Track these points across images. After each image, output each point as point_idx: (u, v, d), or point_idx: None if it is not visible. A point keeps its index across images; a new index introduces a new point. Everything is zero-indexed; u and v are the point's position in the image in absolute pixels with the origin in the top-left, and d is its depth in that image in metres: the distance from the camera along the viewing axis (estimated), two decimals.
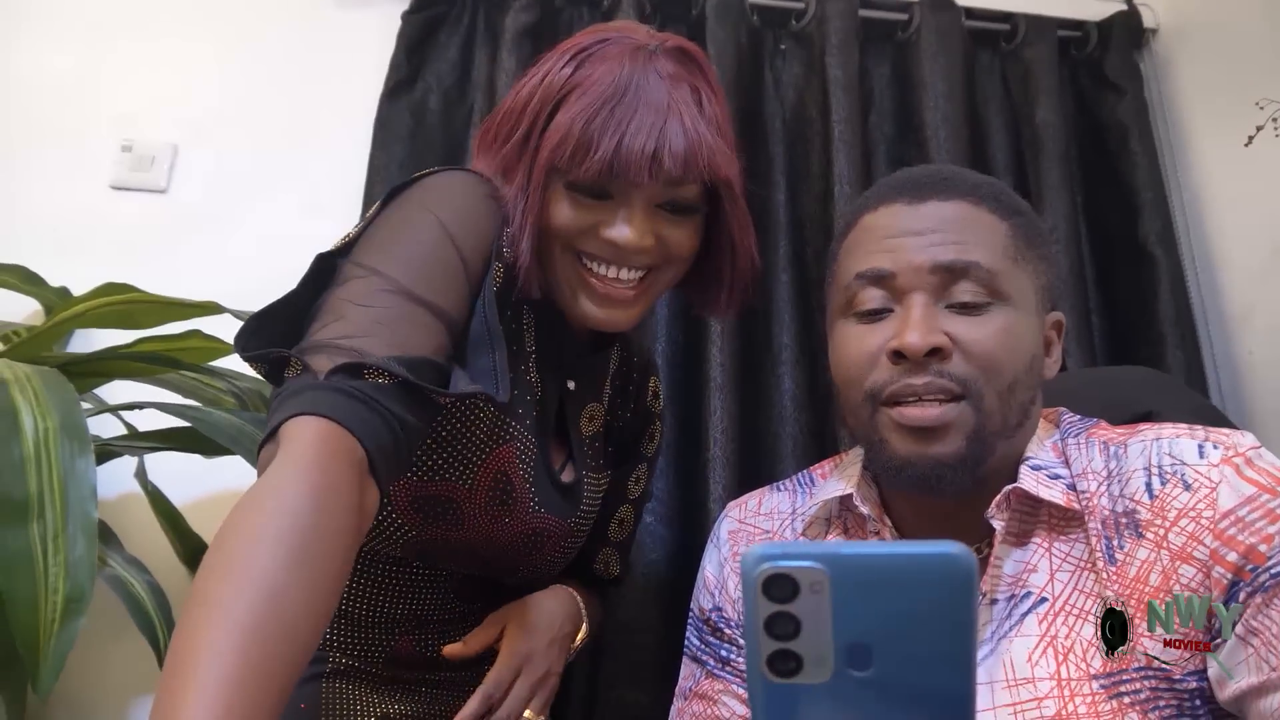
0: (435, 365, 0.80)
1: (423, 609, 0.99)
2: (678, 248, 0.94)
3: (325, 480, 0.67)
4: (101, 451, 1.30)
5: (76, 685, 1.35)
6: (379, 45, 1.75)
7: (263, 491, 0.67)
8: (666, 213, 0.92)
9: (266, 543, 0.63)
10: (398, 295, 0.80)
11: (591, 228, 0.90)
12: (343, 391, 0.73)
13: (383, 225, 0.87)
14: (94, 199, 1.67)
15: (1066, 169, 1.81)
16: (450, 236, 0.85)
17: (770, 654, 0.42)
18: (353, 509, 0.69)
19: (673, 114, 0.87)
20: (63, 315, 1.25)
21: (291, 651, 0.60)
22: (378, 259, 0.83)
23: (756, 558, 0.42)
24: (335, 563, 0.66)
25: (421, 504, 0.91)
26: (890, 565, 0.42)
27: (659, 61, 0.90)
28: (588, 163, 0.86)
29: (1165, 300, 1.72)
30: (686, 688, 0.95)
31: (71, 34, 1.75)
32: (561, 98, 0.89)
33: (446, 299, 0.83)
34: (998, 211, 0.83)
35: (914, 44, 1.83)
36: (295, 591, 0.61)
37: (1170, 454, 0.77)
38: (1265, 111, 1.47)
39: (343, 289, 0.81)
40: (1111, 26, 1.94)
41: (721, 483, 1.46)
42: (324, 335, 0.78)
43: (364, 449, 0.72)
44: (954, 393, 0.76)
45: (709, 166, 0.89)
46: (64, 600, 0.91)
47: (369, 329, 0.77)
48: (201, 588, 0.61)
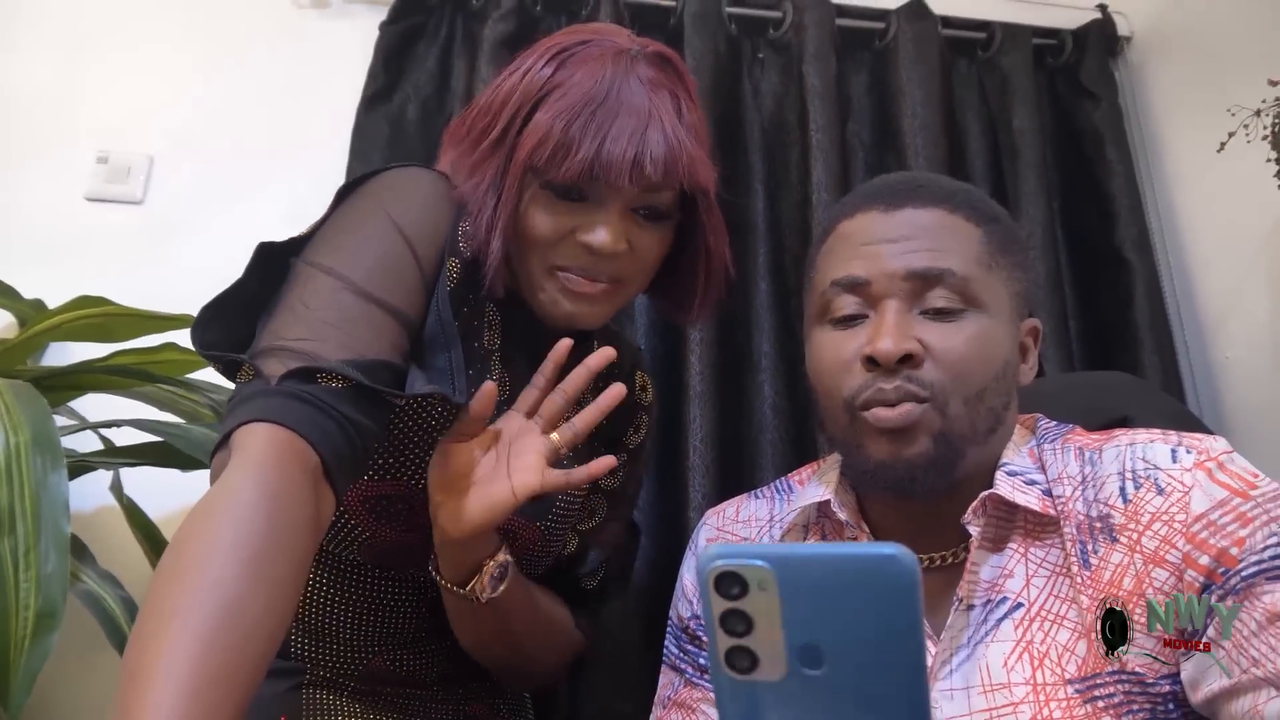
0: (390, 366, 0.79)
1: (397, 626, 0.98)
2: (646, 254, 0.93)
3: (279, 487, 0.67)
4: (77, 466, 1.29)
5: (49, 703, 1.33)
6: (357, 55, 1.74)
7: (216, 499, 0.66)
8: (640, 218, 0.91)
9: (221, 551, 0.62)
10: (351, 294, 0.80)
11: (567, 234, 0.89)
12: (295, 396, 0.72)
13: (336, 223, 0.87)
14: (69, 210, 1.65)
15: (1043, 175, 1.82)
16: (403, 234, 0.85)
17: (727, 650, 0.44)
18: (308, 515, 0.69)
19: (654, 120, 0.87)
20: (36, 328, 1.24)
21: (249, 660, 0.59)
22: (330, 258, 0.82)
23: (710, 556, 0.43)
24: (291, 569, 0.66)
25: (373, 504, 0.90)
26: (834, 566, 0.43)
27: (640, 66, 0.90)
28: (568, 164, 0.85)
29: (1141, 306, 1.73)
30: (665, 696, 0.94)
31: (47, 44, 1.74)
32: (541, 97, 0.88)
33: (401, 298, 0.83)
34: (972, 218, 0.83)
35: (891, 52, 1.84)
36: (251, 599, 0.61)
37: (1144, 458, 0.77)
38: (1237, 118, 1.48)
39: (296, 289, 0.81)
40: (1087, 35, 1.96)
41: (701, 490, 1.46)
42: (276, 338, 0.77)
43: (318, 454, 0.71)
44: (920, 397, 0.77)
45: (689, 173, 0.89)
46: (35, 616, 0.90)
47: (322, 331, 0.77)
48: (156, 597, 0.61)
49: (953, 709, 0.76)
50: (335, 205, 0.89)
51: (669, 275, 1.00)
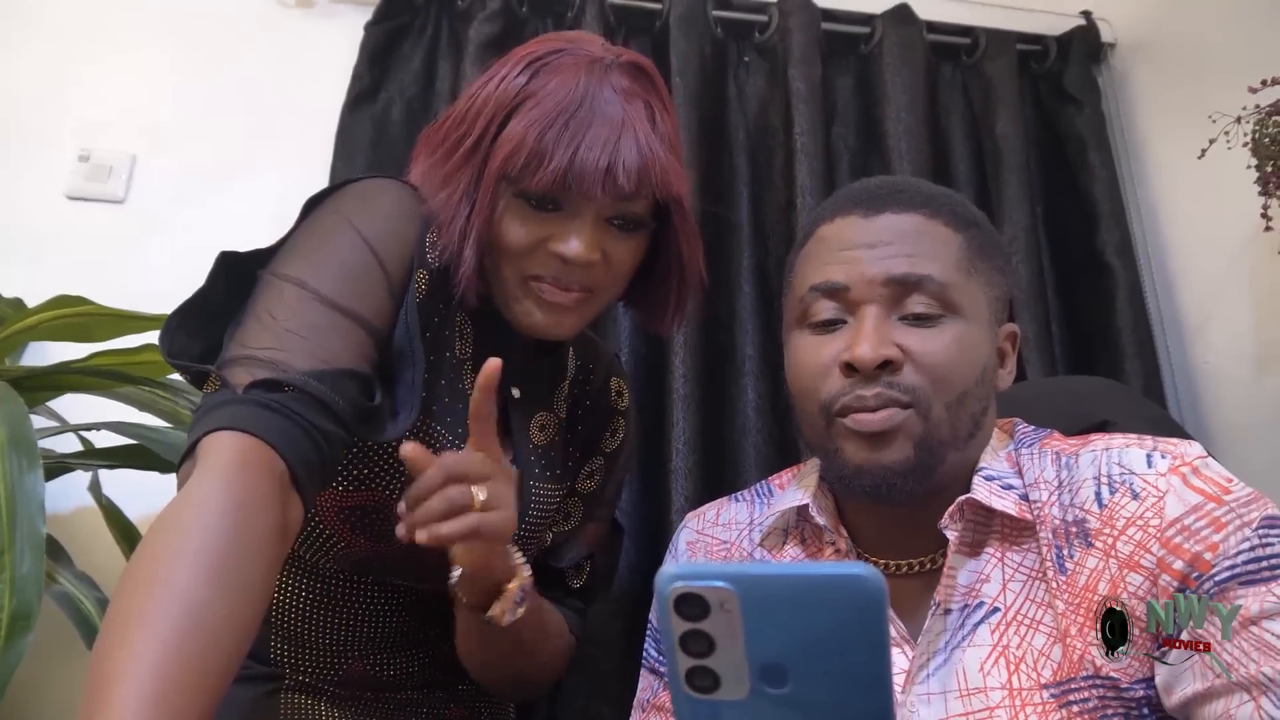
0: (357, 375, 0.79)
1: (375, 631, 0.98)
2: (620, 264, 0.93)
3: (244, 494, 0.67)
4: (55, 467, 1.28)
5: (24, 704, 1.32)
6: (341, 55, 1.74)
7: (181, 507, 0.66)
8: (615, 228, 0.91)
9: (186, 558, 0.62)
10: (318, 304, 0.80)
11: (540, 243, 0.89)
12: (262, 405, 0.72)
13: (302, 235, 0.87)
14: (50, 209, 1.64)
15: (1026, 181, 1.83)
16: (369, 244, 0.85)
17: (688, 670, 0.43)
18: (274, 523, 0.69)
19: (627, 129, 0.87)
20: (14, 328, 1.23)
21: (213, 666, 0.60)
22: (297, 269, 0.83)
23: (669, 577, 0.43)
24: (257, 577, 0.66)
25: (349, 514, 0.90)
26: (798, 586, 0.43)
27: (614, 76, 0.90)
28: (541, 173, 0.85)
29: (1123, 311, 1.74)
30: (644, 699, 0.94)
31: (29, 42, 1.73)
32: (515, 106, 0.88)
33: (367, 307, 0.83)
34: (952, 224, 0.83)
35: (876, 57, 1.85)
36: (216, 607, 0.61)
37: (1119, 463, 0.78)
38: (1218, 125, 1.50)
39: (262, 300, 0.81)
40: (1070, 41, 1.97)
41: (684, 494, 1.46)
42: (243, 349, 0.77)
43: (284, 461, 0.71)
44: (902, 402, 0.77)
45: (661, 183, 0.89)
46: (10, 617, 0.89)
47: (288, 341, 0.77)
48: (120, 605, 0.61)
49: (929, 713, 0.76)
50: (302, 218, 0.89)
51: (643, 284, 1.00)
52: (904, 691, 0.78)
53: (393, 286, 0.86)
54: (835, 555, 0.87)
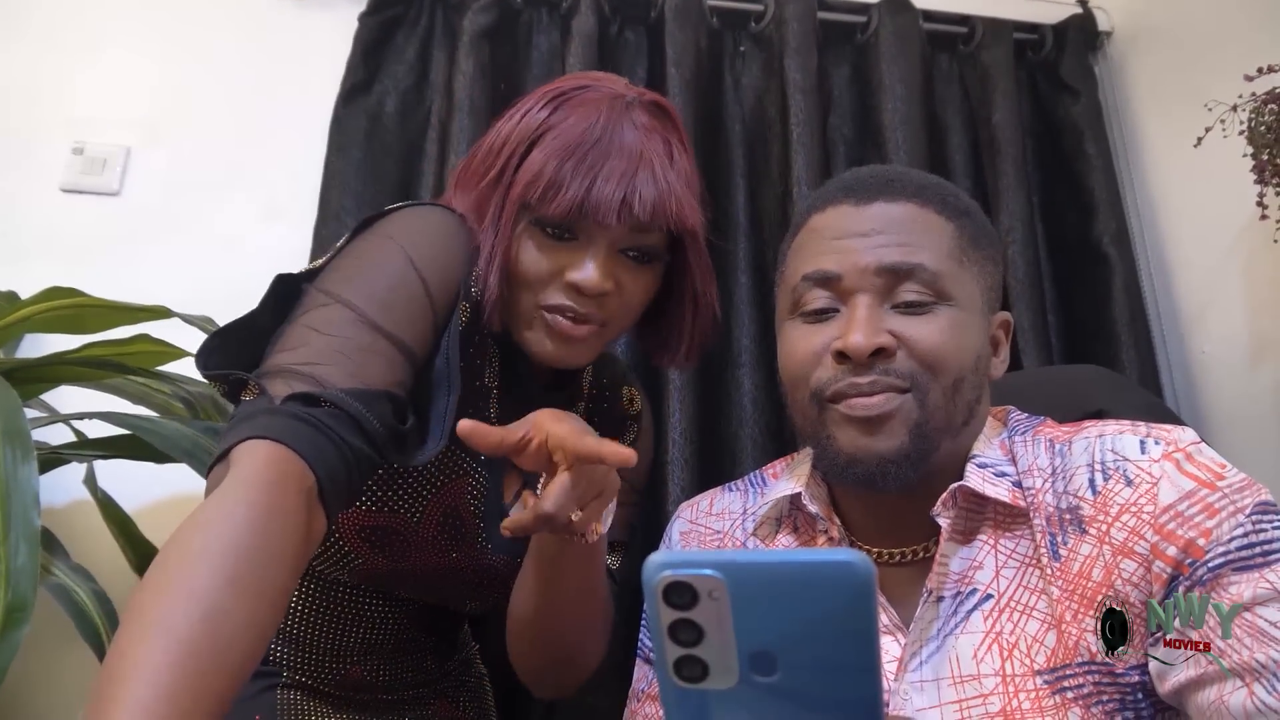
0: (393, 398, 0.80)
1: (377, 638, 1.00)
2: (632, 295, 0.94)
3: (271, 503, 0.67)
4: (50, 459, 1.28)
5: (20, 696, 1.32)
6: (335, 47, 1.73)
7: (207, 511, 0.67)
8: (629, 259, 0.93)
9: (207, 562, 0.63)
10: (361, 325, 0.81)
11: (555, 273, 0.91)
12: (297, 417, 0.73)
13: (351, 255, 0.87)
14: (45, 202, 1.64)
15: (1022, 170, 1.82)
16: (417, 271, 0.86)
17: (676, 659, 0.43)
18: (298, 534, 0.69)
19: (644, 163, 0.89)
20: (7, 320, 1.23)
21: (227, 670, 0.60)
22: (344, 288, 0.83)
23: (656, 565, 0.42)
24: (277, 585, 0.66)
25: (369, 534, 0.91)
26: (788, 574, 0.42)
27: (635, 112, 0.92)
28: (558, 201, 0.87)
29: (1119, 300, 1.74)
30: (640, 689, 0.95)
31: (22, 34, 1.72)
32: (536, 138, 0.91)
33: (409, 332, 0.84)
34: (944, 212, 0.83)
35: (872, 46, 1.84)
36: (234, 612, 0.62)
37: (1113, 450, 0.78)
38: (1214, 113, 1.49)
39: (307, 315, 0.82)
40: (1067, 30, 1.96)
41: (680, 484, 1.46)
42: (284, 360, 0.78)
43: (314, 475, 0.72)
44: (900, 387, 0.77)
45: (677, 216, 0.91)
46: (5, 610, 0.90)
47: (329, 357, 0.78)
48: (139, 603, 0.61)
49: (923, 700, 0.76)
50: (351, 237, 0.89)
51: (656, 318, 1.02)
52: (897, 679, 0.78)
53: (437, 314, 0.87)
54: (828, 543, 0.87)
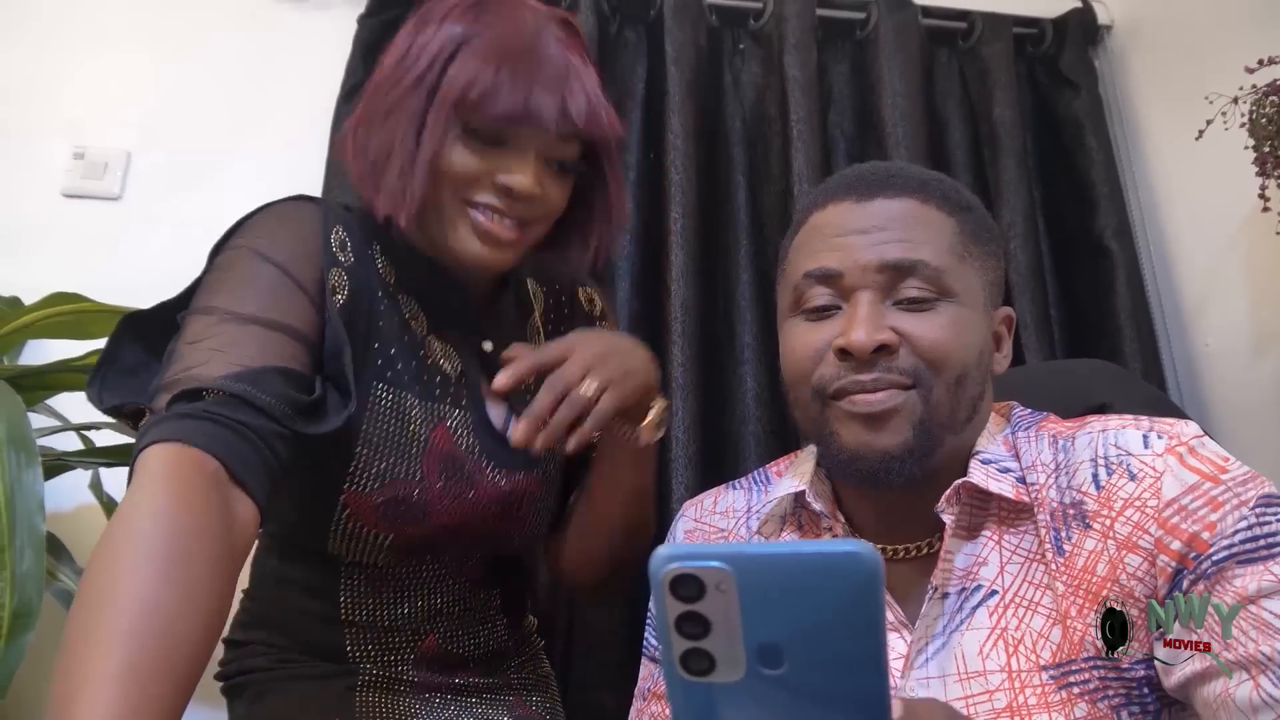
0: (284, 371, 0.81)
1: (442, 603, 1.02)
2: (553, 202, 0.98)
3: (179, 494, 0.69)
4: (56, 465, 1.28)
5: (25, 702, 1.32)
6: (335, 48, 1.73)
7: (119, 519, 0.68)
8: (553, 169, 0.96)
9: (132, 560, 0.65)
10: (228, 322, 0.82)
11: (486, 174, 0.92)
12: (183, 415, 0.74)
13: (210, 275, 0.89)
14: (46, 207, 1.64)
15: (1023, 165, 1.82)
16: (268, 259, 0.87)
17: (683, 653, 0.43)
18: (216, 519, 0.70)
19: (573, 73, 0.93)
20: (10, 326, 1.23)
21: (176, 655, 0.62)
22: (209, 300, 0.85)
23: (663, 558, 0.42)
24: (205, 570, 0.67)
25: (384, 510, 0.93)
26: (795, 565, 0.42)
27: (552, 26, 0.95)
28: (496, 108, 0.89)
29: (1122, 294, 1.74)
30: (645, 688, 0.94)
31: (22, 38, 1.72)
32: (462, 42, 0.91)
33: (281, 312, 0.85)
34: (945, 208, 0.83)
35: (872, 42, 1.84)
36: (168, 600, 0.63)
37: (1116, 444, 0.77)
38: (1215, 106, 1.49)
39: (179, 337, 0.83)
40: (1066, 24, 1.96)
41: (684, 483, 1.46)
42: (165, 377, 0.80)
43: (217, 460, 0.73)
44: (903, 384, 0.77)
45: (609, 125, 0.96)
46: (11, 615, 0.90)
47: (205, 357, 0.79)
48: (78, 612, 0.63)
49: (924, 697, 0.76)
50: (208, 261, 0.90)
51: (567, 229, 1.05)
52: (903, 676, 0.78)
53: (307, 290, 0.88)
54: None
